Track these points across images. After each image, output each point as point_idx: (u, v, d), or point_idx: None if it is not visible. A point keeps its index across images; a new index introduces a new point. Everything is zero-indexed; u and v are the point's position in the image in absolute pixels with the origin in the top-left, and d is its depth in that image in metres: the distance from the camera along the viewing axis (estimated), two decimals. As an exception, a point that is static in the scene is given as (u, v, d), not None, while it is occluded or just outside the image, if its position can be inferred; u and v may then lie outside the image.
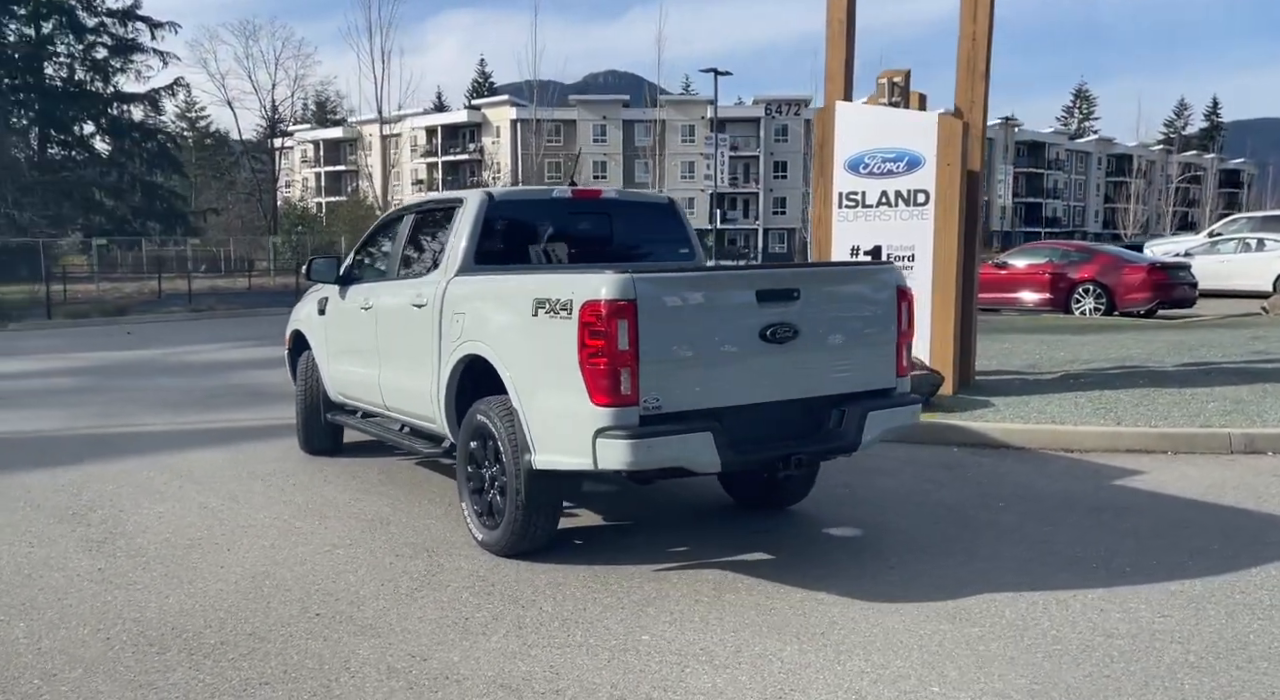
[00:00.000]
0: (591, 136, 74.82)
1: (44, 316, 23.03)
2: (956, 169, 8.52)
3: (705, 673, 3.47)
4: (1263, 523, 5.26)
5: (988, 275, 18.61)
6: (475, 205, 5.33)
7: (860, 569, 4.61)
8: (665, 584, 4.39)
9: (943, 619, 3.98)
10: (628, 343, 3.98)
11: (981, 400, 8.37)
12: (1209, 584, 4.35)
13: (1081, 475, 6.37)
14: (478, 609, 4.08)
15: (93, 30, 49.62)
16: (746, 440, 4.36)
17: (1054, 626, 3.89)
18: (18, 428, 8.46)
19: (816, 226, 9.34)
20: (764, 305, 4.33)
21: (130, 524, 5.37)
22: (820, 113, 9.27)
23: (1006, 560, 4.72)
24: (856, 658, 3.61)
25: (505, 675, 3.44)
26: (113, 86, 50.04)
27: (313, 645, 3.69)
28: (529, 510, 4.55)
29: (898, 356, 4.82)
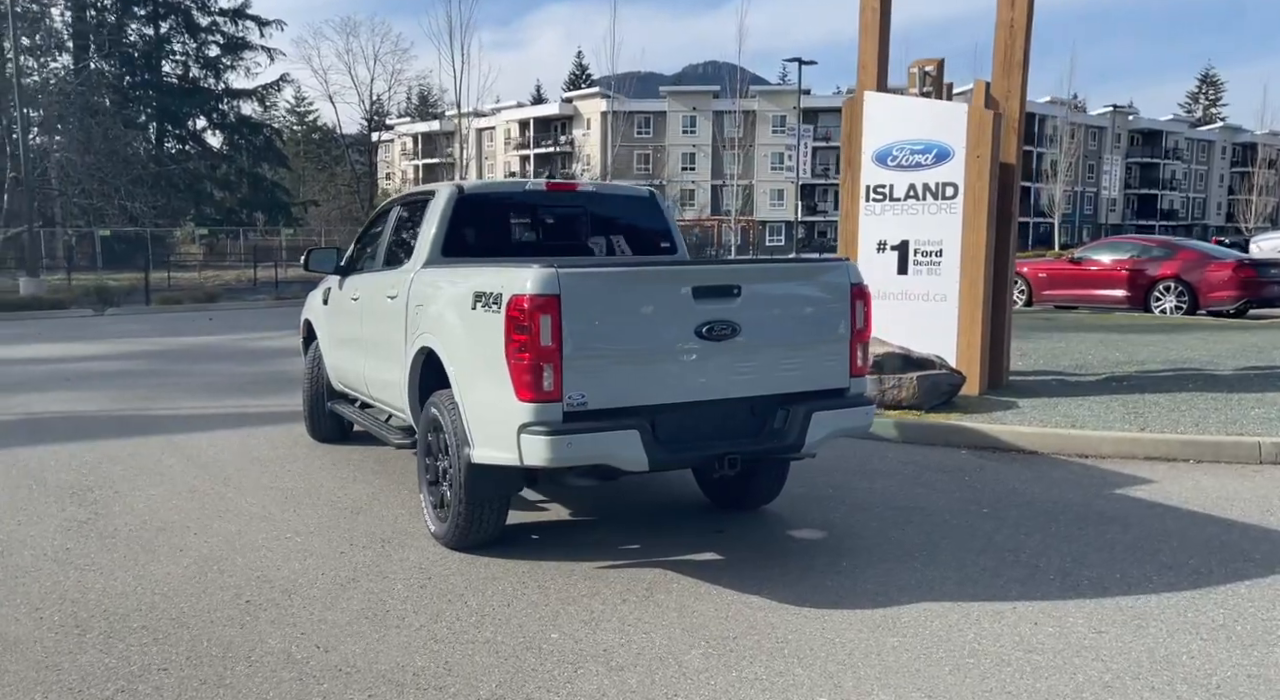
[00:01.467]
0: (681, 128, 74.65)
1: (143, 302, 24.20)
2: (987, 161, 8.22)
3: (596, 675, 3.43)
4: (1256, 539, 4.93)
5: (1063, 271, 17.95)
6: (444, 198, 5.37)
7: (806, 573, 4.49)
8: (599, 582, 4.36)
9: (867, 627, 3.86)
10: (550, 338, 3.96)
11: (1007, 401, 8.07)
12: (1164, 600, 4.11)
13: (1084, 482, 6.08)
14: (403, 602, 4.12)
15: (206, 29, 51.90)
16: (679, 439, 4.29)
17: (977, 639, 3.74)
18: (65, 408, 8.91)
19: (843, 221, 9.12)
20: (701, 302, 4.24)
21: (118, 505, 5.60)
22: (848, 103, 9.04)
23: (963, 568, 4.54)
24: (757, 664, 3.52)
25: (397, 669, 3.46)
26: (223, 83, 52.29)
27: (228, 632, 3.78)
28: (471, 504, 4.57)
29: (851, 356, 4.67)
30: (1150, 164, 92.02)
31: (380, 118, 73.30)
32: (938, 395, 7.77)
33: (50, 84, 41.46)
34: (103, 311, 22.03)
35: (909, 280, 8.70)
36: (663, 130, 74.92)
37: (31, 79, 41.95)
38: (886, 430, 7.35)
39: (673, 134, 74.63)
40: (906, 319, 8.66)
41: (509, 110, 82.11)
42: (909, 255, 8.69)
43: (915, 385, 7.66)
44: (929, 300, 8.60)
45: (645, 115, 75.37)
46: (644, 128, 75.40)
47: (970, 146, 8.30)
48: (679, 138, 74.53)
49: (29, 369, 12.05)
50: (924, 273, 8.62)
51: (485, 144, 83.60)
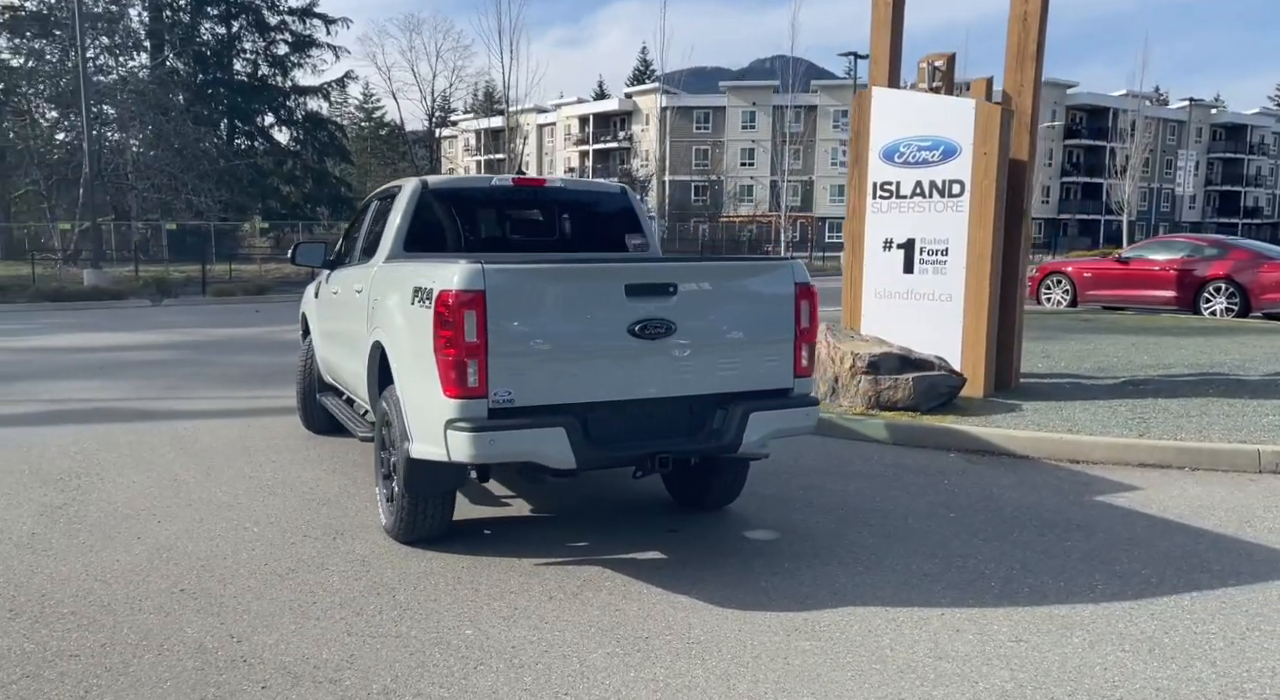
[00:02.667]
0: (740, 123, 74.27)
1: (199, 294, 24.92)
2: (994, 158, 8.03)
3: (495, 672, 3.43)
4: (1222, 550, 4.74)
5: (1109, 271, 17.47)
6: (408, 192, 5.42)
7: (744, 574, 4.44)
8: (533, 579, 4.36)
9: (783, 630, 3.81)
10: (475, 334, 3.97)
11: (1010, 404, 7.88)
12: (1099, 610, 4.00)
13: (1064, 488, 5.91)
14: (333, 594, 4.17)
15: (275, 28, 53.24)
16: (611, 438, 4.27)
17: (892, 645, 3.66)
18: (89, 395, 9.21)
19: (850, 218, 8.98)
20: (634, 300, 4.22)
21: (97, 492, 5.77)
22: (856, 99, 8.89)
23: (906, 573, 4.45)
24: (659, 665, 3.50)
25: (301, 661, 3.50)
26: (290, 80, 53.57)
27: (150, 621, 3.86)
28: (413, 499, 4.61)
29: (796, 356, 4.60)
30: (1234, 159, 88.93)
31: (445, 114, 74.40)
32: (935, 397, 7.62)
33: (128, 82, 42.92)
34: (159, 302, 22.73)
35: (915, 279, 8.54)
36: (721, 125, 74.62)
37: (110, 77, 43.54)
38: (877, 431, 7.24)
39: (731, 129, 74.26)
40: (912, 319, 8.52)
41: (569, 106, 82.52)
42: (915, 254, 8.53)
43: (911, 386, 7.53)
44: (935, 300, 8.43)
45: (704, 110, 75.14)
46: (703, 123, 75.16)
47: (977, 143, 8.11)
48: (738, 133, 74.15)
49: (70, 357, 12.48)
50: (930, 272, 8.45)
51: (546, 140, 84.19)
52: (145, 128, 40.92)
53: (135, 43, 47.45)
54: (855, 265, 8.92)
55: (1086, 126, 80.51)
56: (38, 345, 14.11)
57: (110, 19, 45.53)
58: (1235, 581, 4.34)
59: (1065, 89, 78.06)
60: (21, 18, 43.17)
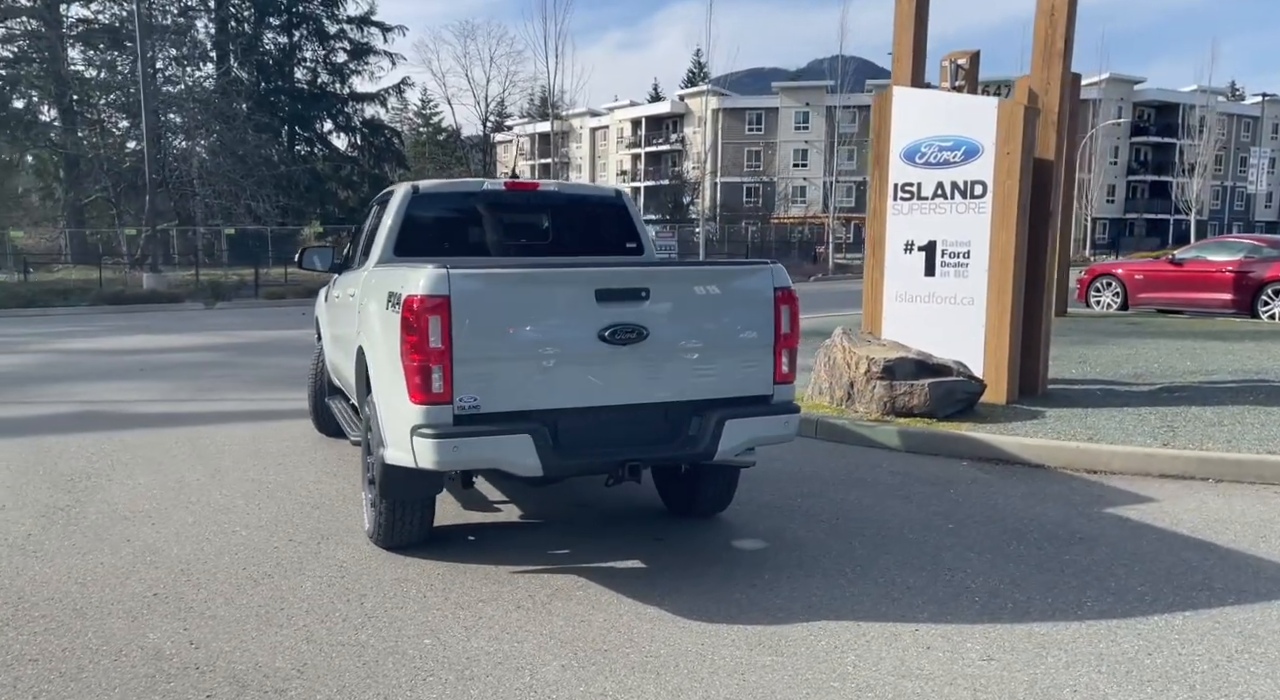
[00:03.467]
0: (793, 124, 73.64)
1: (252, 296, 25.45)
2: (1017, 158, 7.81)
3: (442, 684, 3.38)
4: (1229, 566, 4.52)
5: (1162, 273, 16.94)
6: (399, 197, 5.43)
7: (721, 585, 4.35)
8: (506, 588, 4.32)
9: (748, 644, 3.71)
10: (440, 340, 3.94)
11: (1033, 411, 7.65)
12: (1083, 628, 3.84)
13: (1075, 500, 5.70)
14: (303, 600, 4.17)
15: (334, 36, 54.20)
16: (581, 444, 4.21)
17: (857, 662, 3.55)
18: (122, 397, 9.42)
19: (871, 220, 8.81)
20: (604, 305, 4.15)
21: (102, 494, 5.87)
22: (877, 99, 8.72)
23: (889, 586, 4.32)
24: (611, 679, 3.43)
25: (252, 669, 3.49)
26: (348, 87, 54.46)
27: (116, 625, 3.88)
28: (390, 504, 4.60)
29: (775, 362, 4.49)
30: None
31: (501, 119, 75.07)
32: (953, 403, 7.42)
33: (194, 92, 44.11)
34: (211, 305, 23.25)
35: (936, 282, 8.34)
36: (774, 126, 74.10)
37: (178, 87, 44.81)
38: (889, 438, 7.07)
39: (784, 130, 73.70)
40: (934, 323, 8.33)
41: (621, 109, 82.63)
42: (936, 256, 8.33)
43: (927, 392, 7.34)
44: (956, 303, 8.23)
45: (756, 111, 74.73)
46: (755, 124, 74.75)
47: (1000, 143, 7.89)
48: (791, 134, 73.56)
49: (115, 359, 12.81)
50: (951, 275, 8.25)
51: (599, 143, 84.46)
52: (210, 136, 41.96)
53: (202, 53, 48.76)
54: (876, 268, 8.74)
55: (1154, 123, 78.27)
56: (88, 347, 14.50)
57: (178, 31, 46.87)
58: (1236, 600, 4.13)
59: (1132, 85, 76.03)
60: (95, 30, 44.57)
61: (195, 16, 49.23)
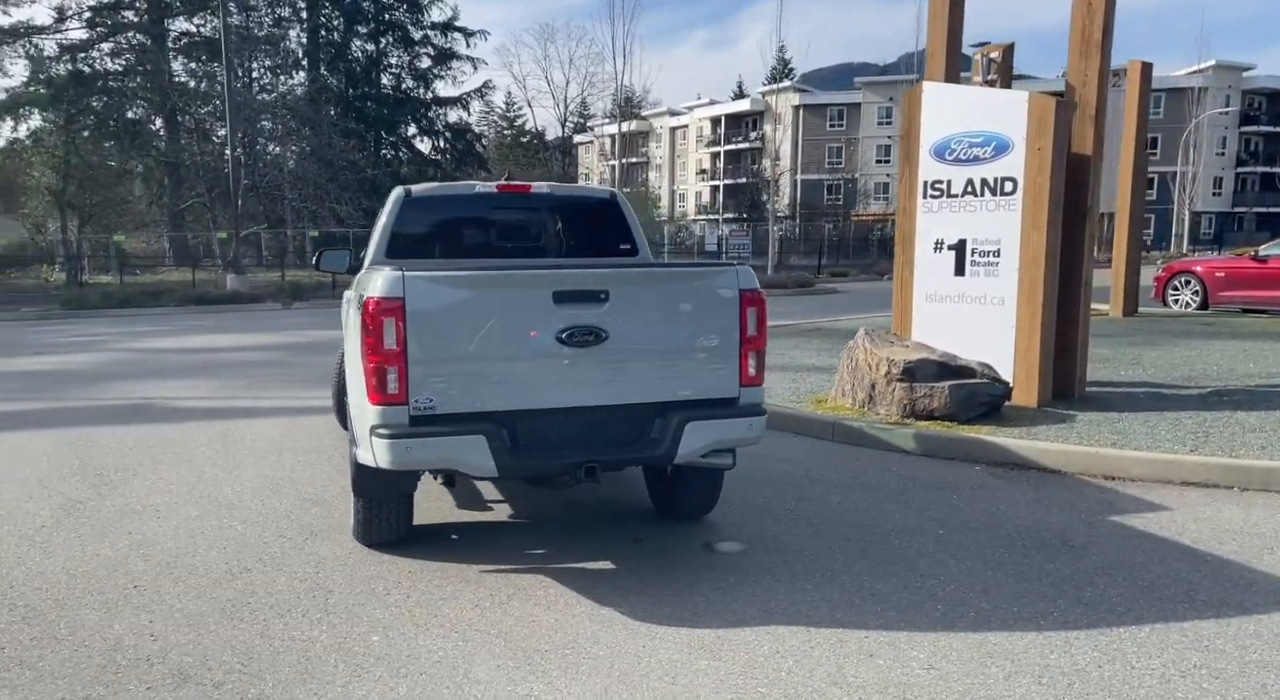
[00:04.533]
0: (876, 119, 72.39)
1: (329, 297, 26.15)
2: (1049, 154, 7.55)
3: (374, 681, 3.43)
4: (1219, 579, 4.32)
5: (1245, 271, 16.22)
6: (392, 201, 5.54)
7: (684, 588, 4.32)
8: (470, 587, 4.37)
9: (689, 648, 3.69)
10: (395, 342, 4.01)
11: (1064, 415, 7.40)
12: (1039, 639, 3.73)
13: (1082, 506, 5.50)
14: (270, 595, 4.27)
15: (419, 43, 55.38)
16: (537, 446, 4.24)
17: (793, 668, 3.50)
18: (174, 393, 9.81)
19: (901, 218, 8.62)
20: (562, 307, 4.16)
21: (123, 487, 6.12)
22: (908, 95, 8.53)
23: (854, 592, 4.25)
24: (541, 680, 3.45)
25: (198, 663, 3.58)
26: (431, 92, 55.59)
27: (88, 616, 4.03)
28: (366, 502, 4.70)
29: (741, 364, 4.44)
30: None
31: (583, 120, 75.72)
32: (975, 406, 7.22)
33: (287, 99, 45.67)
34: (289, 305, 24.01)
35: (966, 282, 8.13)
36: (856, 122, 72.99)
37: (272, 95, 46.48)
38: (905, 441, 6.93)
39: (867, 126, 72.53)
40: (963, 323, 8.12)
41: (701, 107, 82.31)
42: (966, 255, 8.12)
43: (948, 395, 7.16)
44: (986, 303, 8.00)
45: (838, 107, 73.70)
46: (836, 120, 73.73)
47: (1031, 138, 7.65)
48: (873, 129, 72.35)
49: (181, 358, 13.34)
50: (981, 274, 8.03)
51: (678, 142, 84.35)
52: (300, 142, 43.39)
53: (294, 62, 50.46)
54: (905, 267, 8.56)
55: (1266, 112, 74.56)
56: (162, 346, 15.13)
57: (272, 41, 48.62)
58: (1214, 614, 3.94)
59: (1241, 72, 72.58)
60: (196, 43, 46.43)
61: (289, 27, 50.98)
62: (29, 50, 42.87)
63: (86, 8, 44.68)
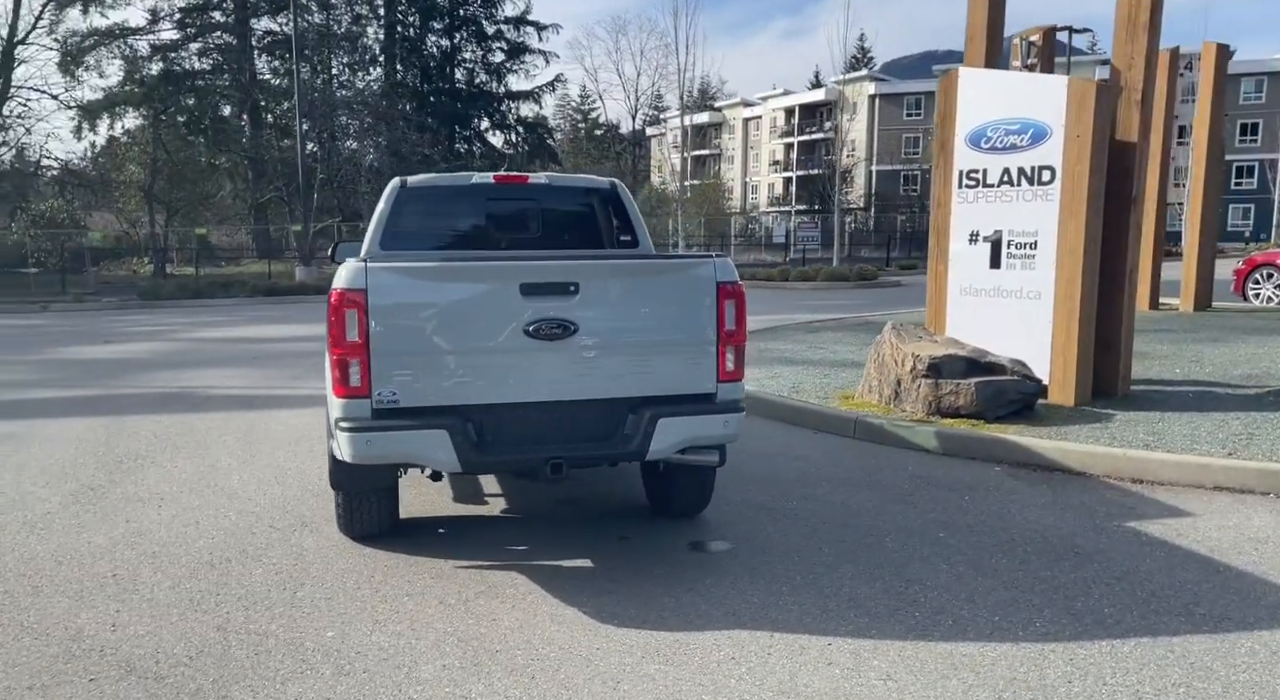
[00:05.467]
0: (956, 108, 70.60)
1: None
2: (1088, 141, 7.20)
3: (316, 678, 3.37)
4: (1226, 592, 4.03)
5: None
6: (387, 192, 5.52)
7: (657, 588, 4.19)
8: (440, 583, 4.30)
9: (644, 652, 3.58)
10: (357, 334, 3.97)
11: (1101, 414, 7.07)
12: (1013, 651, 3.53)
13: (1098, 511, 5.21)
14: (242, 587, 4.26)
15: (492, 37, 55.92)
16: (504, 441, 4.16)
17: (745, 675, 3.37)
18: (218, 382, 10.02)
19: (935, 210, 8.32)
20: (530, 300, 4.07)
21: (138, 475, 6.23)
22: (943, 81, 8.22)
23: (832, 596, 4.08)
24: (483, 681, 3.36)
25: (149, 655, 3.58)
26: (504, 86, 56.09)
27: (59, 605, 4.07)
28: (345, 495, 4.68)
29: (719, 359, 4.29)
30: None
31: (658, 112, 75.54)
32: (1004, 404, 6.93)
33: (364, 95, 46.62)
34: (354, 298, 24.42)
35: (1002, 275, 7.81)
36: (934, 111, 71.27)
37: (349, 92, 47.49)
38: (926, 440, 6.68)
39: (946, 114, 70.84)
40: (999, 318, 7.81)
41: (775, 98, 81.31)
42: (1002, 247, 7.79)
43: (973, 392, 6.88)
44: (1022, 298, 7.68)
45: (915, 96, 72.13)
46: (914, 110, 72.19)
47: (1069, 124, 7.29)
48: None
49: (235, 347, 13.65)
50: (1017, 267, 7.70)
51: (751, 133, 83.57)
52: (376, 137, 44.23)
53: (371, 58, 51.42)
54: (940, 260, 8.26)
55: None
56: (220, 336, 15.52)
57: (350, 38, 49.65)
58: (1211, 629, 3.68)
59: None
60: (278, 41, 47.66)
61: (366, 24, 51.95)
62: (124, 51, 44.52)
63: (177, 9, 46.22)
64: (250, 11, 47.17)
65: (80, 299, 24.56)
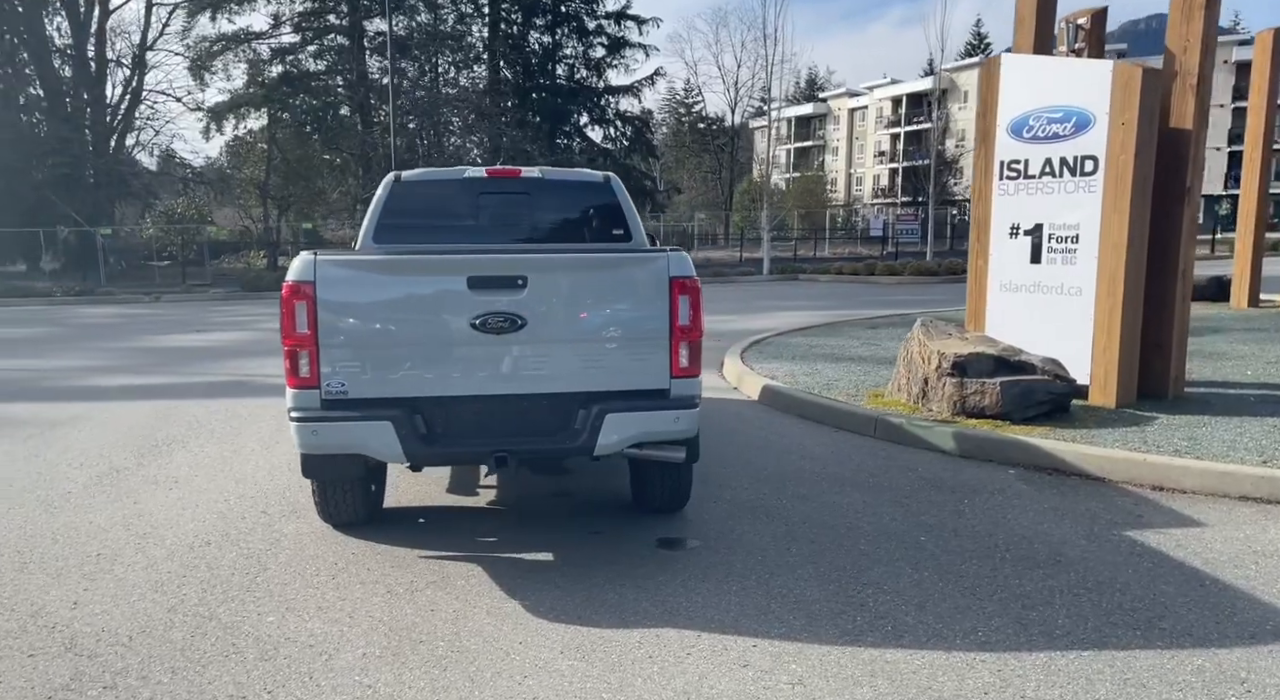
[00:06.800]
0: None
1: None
2: (1134, 129, 6.82)
3: (237, 663, 3.42)
4: (1204, 607, 3.75)
5: None
6: (382, 185, 5.61)
7: (606, 584, 4.15)
8: (397, 572, 4.34)
9: (563, 648, 3.55)
10: (306, 326, 4.05)
11: (1142, 417, 6.69)
12: (944, 659, 3.39)
13: (1101, 518, 4.92)
14: (210, 571, 4.37)
15: (593, 32, 56.32)
16: (450, 434, 4.18)
17: (657, 674, 3.31)
18: (273, 370, 10.38)
19: (976, 202, 8.00)
20: (477, 293, 4.08)
21: (164, 459, 6.49)
22: (984, 68, 7.88)
23: (778, 598, 3.97)
24: (393, 670, 3.38)
25: (94, 635, 3.71)
26: (604, 81, 56.43)
27: (33, 582, 4.26)
28: (318, 485, 4.78)
29: (673, 355, 4.21)
30: None
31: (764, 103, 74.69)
32: (1033, 405, 6.62)
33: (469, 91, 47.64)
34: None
35: (1042, 270, 7.46)
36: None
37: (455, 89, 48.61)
38: (944, 441, 6.43)
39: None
40: (1039, 316, 7.48)
41: (882, 87, 79.25)
42: (1043, 242, 7.44)
43: (999, 392, 6.60)
44: (1062, 294, 7.32)
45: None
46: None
47: (1114, 111, 6.91)
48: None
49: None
50: (1058, 262, 7.34)
51: (857, 124, 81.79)
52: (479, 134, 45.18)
53: (475, 56, 52.48)
54: (980, 255, 7.94)
55: None
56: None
57: (455, 37, 50.81)
58: (1165, 645, 3.44)
59: None
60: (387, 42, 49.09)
61: (471, 22, 53.02)
62: (248, 55, 46.59)
63: (296, 14, 48.06)
64: (363, 14, 48.66)
65: (190, 290, 25.82)
